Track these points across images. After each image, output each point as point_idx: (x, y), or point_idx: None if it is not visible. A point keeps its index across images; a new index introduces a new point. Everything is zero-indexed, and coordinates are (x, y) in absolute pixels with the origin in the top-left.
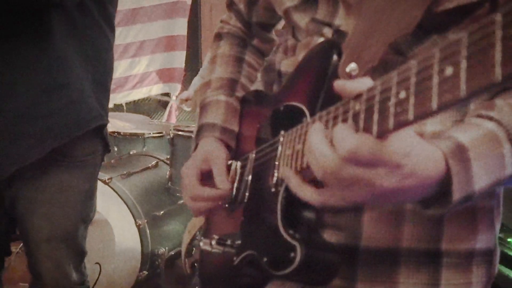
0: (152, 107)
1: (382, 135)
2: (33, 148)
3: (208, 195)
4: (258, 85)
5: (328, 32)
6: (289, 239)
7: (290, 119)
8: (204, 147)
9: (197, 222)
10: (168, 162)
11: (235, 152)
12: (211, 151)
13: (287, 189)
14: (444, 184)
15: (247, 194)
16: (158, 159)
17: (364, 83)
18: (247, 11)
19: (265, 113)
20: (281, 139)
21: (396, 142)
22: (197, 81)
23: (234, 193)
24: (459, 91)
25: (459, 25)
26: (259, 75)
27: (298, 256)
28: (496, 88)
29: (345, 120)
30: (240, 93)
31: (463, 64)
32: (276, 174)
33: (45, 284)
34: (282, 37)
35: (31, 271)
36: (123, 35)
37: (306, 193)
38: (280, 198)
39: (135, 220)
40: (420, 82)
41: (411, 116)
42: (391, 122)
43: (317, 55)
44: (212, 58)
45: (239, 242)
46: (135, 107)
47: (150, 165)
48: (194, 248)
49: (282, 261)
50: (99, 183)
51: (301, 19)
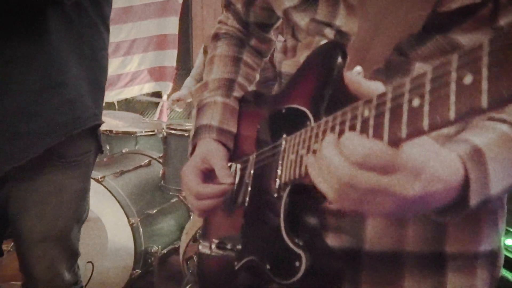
0: (144, 105)
1: (394, 143)
2: (28, 147)
3: (212, 191)
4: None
5: (329, 32)
6: (293, 247)
7: (292, 122)
8: (202, 147)
9: (195, 223)
10: (161, 160)
11: (233, 153)
12: (210, 150)
13: (290, 195)
14: (462, 189)
15: (247, 197)
16: (151, 157)
17: (377, 87)
18: (244, 11)
19: (265, 115)
20: (284, 143)
21: (411, 148)
22: (189, 82)
23: (233, 195)
24: (479, 101)
25: (461, 26)
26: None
27: (303, 265)
28: None
29: (353, 126)
30: (238, 94)
31: (484, 72)
32: (278, 179)
33: (37, 285)
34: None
35: (23, 272)
36: (115, 33)
37: (325, 187)
38: (283, 204)
39: (128, 219)
40: (436, 90)
41: (425, 125)
42: (403, 130)
43: (321, 57)
44: (210, 59)
45: (239, 246)
46: (127, 105)
47: (142, 163)
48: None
49: (286, 269)
50: (92, 182)
51: (301, 19)
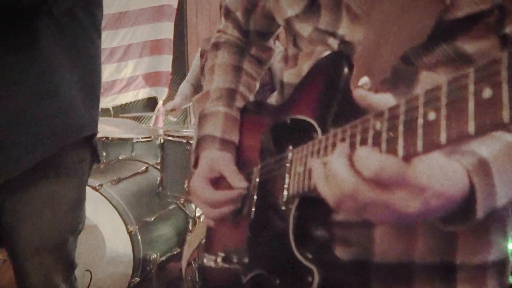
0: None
1: (409, 157)
2: (20, 158)
3: (227, 197)
4: None
5: (333, 42)
6: (304, 261)
7: (297, 133)
8: (207, 157)
9: (198, 235)
10: (158, 167)
11: (236, 163)
12: (216, 158)
13: (299, 208)
14: (467, 201)
15: (253, 209)
16: (148, 164)
17: (387, 100)
18: (244, 20)
19: (268, 125)
20: (290, 154)
21: (421, 163)
22: (184, 88)
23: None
24: (501, 115)
25: (467, 34)
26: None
27: (316, 280)
28: None
29: (364, 139)
30: (239, 103)
31: (505, 87)
32: (286, 192)
33: None
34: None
35: (19, 284)
36: (109, 39)
37: (327, 196)
38: (291, 217)
39: (126, 227)
40: (453, 104)
41: (443, 139)
42: (419, 144)
43: (327, 67)
44: (210, 68)
45: (246, 260)
46: (122, 111)
47: (140, 170)
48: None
49: (297, 285)
50: (90, 190)
51: (304, 29)
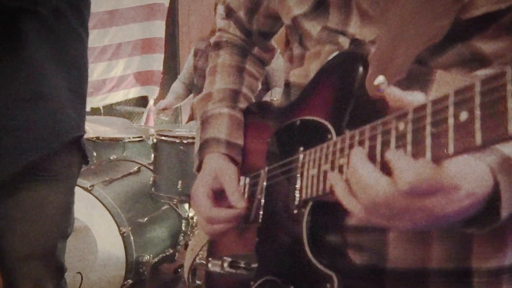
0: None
1: (438, 160)
2: (7, 164)
3: (225, 216)
4: None
5: (344, 41)
6: (322, 268)
7: (308, 135)
8: (212, 164)
9: (201, 239)
10: (150, 167)
11: (240, 167)
12: (220, 168)
13: (312, 212)
14: (491, 201)
15: (261, 213)
16: (140, 164)
17: (422, 99)
18: (247, 19)
19: (275, 127)
20: (301, 157)
21: (452, 165)
22: (176, 87)
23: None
24: None
25: (483, 33)
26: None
27: (336, 286)
28: None
29: (386, 142)
30: (243, 105)
31: None
32: (298, 195)
33: None
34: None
35: None
36: (99, 38)
37: (352, 203)
38: (304, 221)
39: (119, 228)
40: (488, 104)
41: (478, 141)
42: (451, 147)
43: (340, 67)
44: (212, 68)
45: (255, 265)
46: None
47: (132, 170)
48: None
49: None
50: (81, 191)
51: (313, 28)
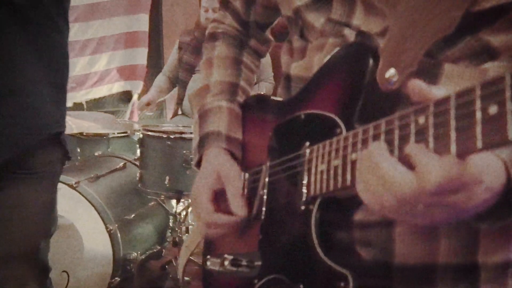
0: (114, 105)
1: (464, 154)
2: None
3: (223, 222)
4: None
5: (349, 33)
6: (335, 266)
7: (314, 129)
8: (214, 161)
9: (196, 236)
10: (136, 163)
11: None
12: (223, 167)
13: (320, 208)
14: (505, 195)
15: (263, 210)
16: (126, 160)
17: (442, 92)
18: (244, 10)
19: (275, 121)
20: (308, 152)
21: (476, 160)
22: (159, 80)
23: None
24: None
25: (492, 26)
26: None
27: (351, 285)
28: None
29: (405, 136)
30: (240, 98)
31: None
32: (306, 191)
33: None
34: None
35: None
36: (81, 31)
37: (366, 196)
38: (313, 218)
39: (105, 225)
40: None
41: (511, 134)
42: (479, 142)
43: (350, 59)
44: (208, 60)
45: (258, 263)
46: (96, 105)
47: (118, 166)
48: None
49: None
50: (66, 188)
51: (316, 19)
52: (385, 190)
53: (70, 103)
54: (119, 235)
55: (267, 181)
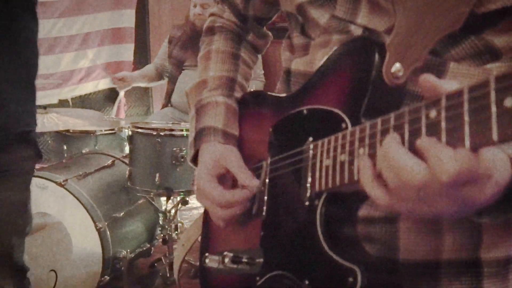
0: (100, 101)
1: (477, 148)
2: None
3: (238, 197)
4: None
5: (356, 29)
6: (342, 261)
7: (317, 125)
8: (210, 151)
9: (193, 234)
10: (125, 160)
11: None
12: (222, 153)
13: (325, 203)
14: (508, 191)
15: (264, 207)
16: (114, 157)
17: (453, 87)
18: (243, 4)
19: (275, 117)
20: (311, 147)
21: (488, 153)
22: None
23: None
24: None
25: (496, 27)
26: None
27: (359, 280)
28: None
29: (415, 131)
30: (238, 93)
31: None
32: (310, 187)
33: None
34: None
35: None
36: (67, 27)
37: (376, 191)
38: (318, 214)
39: (94, 223)
40: None
41: None
42: (495, 135)
43: (356, 54)
44: (205, 54)
45: (260, 260)
46: (82, 102)
47: (106, 164)
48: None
49: (335, 286)
50: (54, 186)
51: (321, 16)
52: (400, 182)
53: (55, 100)
54: (108, 233)
55: (268, 177)
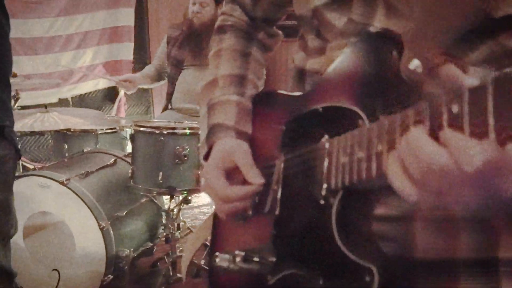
0: (99, 100)
1: (503, 142)
2: None
3: (241, 193)
4: None
5: (374, 30)
6: (358, 260)
7: (333, 122)
8: (221, 146)
9: (201, 234)
10: (127, 159)
11: None
12: (231, 147)
13: (341, 201)
14: None
15: (277, 205)
16: (116, 156)
17: (474, 81)
18: (252, 5)
19: (288, 116)
20: (327, 144)
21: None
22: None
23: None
24: None
25: (509, 32)
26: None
27: (376, 279)
28: None
29: (437, 125)
30: (250, 91)
31: None
32: (325, 185)
33: None
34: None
35: None
36: (65, 25)
37: (404, 184)
38: (334, 212)
39: (98, 223)
40: None
41: None
42: None
43: (372, 51)
44: (216, 53)
45: (272, 259)
46: (81, 101)
47: (108, 163)
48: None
49: (351, 285)
50: (56, 184)
51: (337, 19)
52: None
53: (55, 99)
54: (111, 232)
55: (281, 175)
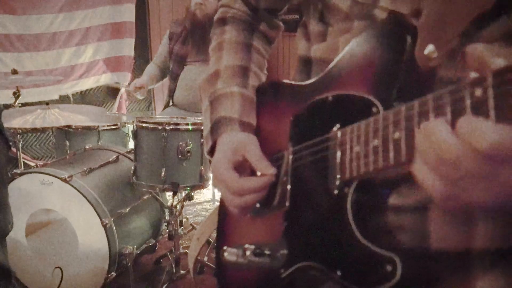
0: (101, 97)
1: None
2: None
3: (254, 185)
4: None
5: (380, 13)
6: (379, 250)
7: (344, 111)
8: (229, 140)
9: (207, 228)
10: (129, 156)
11: None
12: (239, 140)
13: (356, 191)
14: None
15: (287, 197)
16: (118, 152)
17: (500, 62)
18: None
19: (297, 106)
20: (339, 134)
21: None
22: (150, 68)
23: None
24: None
25: None
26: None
27: (399, 268)
28: None
29: (459, 111)
30: (254, 82)
31: None
32: (340, 175)
33: None
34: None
35: None
36: (66, 22)
37: (430, 180)
38: (349, 202)
39: (100, 219)
40: None
41: None
42: None
43: (385, 37)
44: (218, 45)
45: (283, 252)
46: (82, 97)
47: (110, 159)
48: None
49: (372, 275)
50: (59, 181)
51: (342, 1)
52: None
53: (57, 96)
54: (114, 229)
55: (290, 167)
